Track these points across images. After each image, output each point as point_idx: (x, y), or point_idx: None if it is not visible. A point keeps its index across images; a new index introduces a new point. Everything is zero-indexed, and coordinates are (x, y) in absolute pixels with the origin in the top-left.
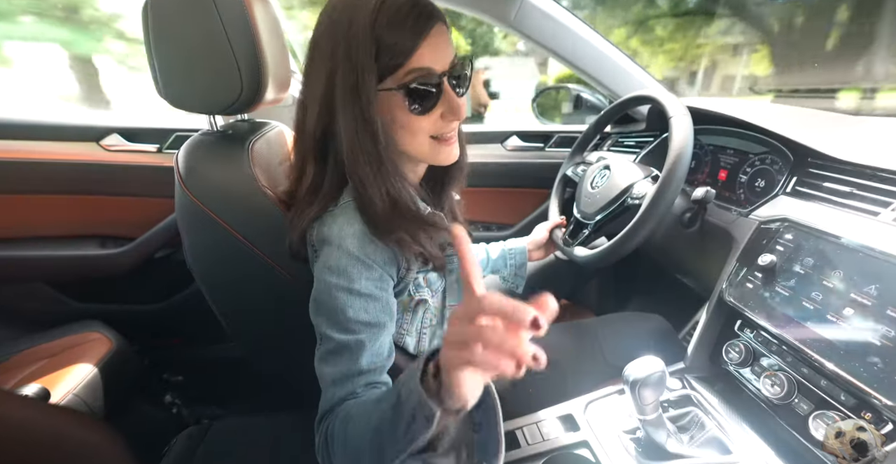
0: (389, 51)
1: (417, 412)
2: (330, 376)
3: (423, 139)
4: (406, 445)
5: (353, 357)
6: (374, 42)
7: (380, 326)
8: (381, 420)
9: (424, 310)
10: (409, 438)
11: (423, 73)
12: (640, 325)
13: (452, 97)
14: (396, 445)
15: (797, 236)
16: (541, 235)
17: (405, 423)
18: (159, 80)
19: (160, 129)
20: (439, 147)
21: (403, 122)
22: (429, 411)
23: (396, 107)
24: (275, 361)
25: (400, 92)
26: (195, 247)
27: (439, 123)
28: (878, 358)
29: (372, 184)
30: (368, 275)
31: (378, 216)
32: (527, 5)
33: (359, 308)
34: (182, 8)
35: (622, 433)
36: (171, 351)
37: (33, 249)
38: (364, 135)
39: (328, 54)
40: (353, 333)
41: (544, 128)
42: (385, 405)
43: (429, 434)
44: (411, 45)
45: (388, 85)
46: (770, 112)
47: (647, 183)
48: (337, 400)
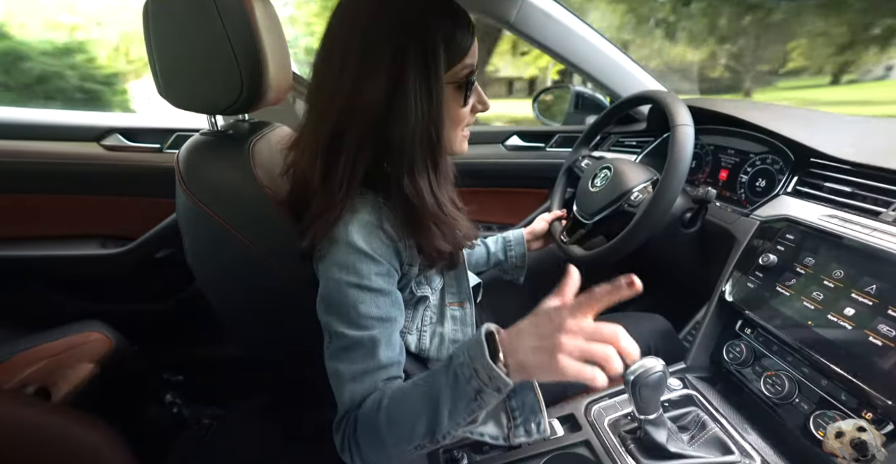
0: (455, 47)
1: (485, 387)
2: (348, 373)
3: (459, 131)
4: (465, 418)
5: (370, 353)
6: (443, 38)
7: (391, 320)
8: (438, 401)
9: (425, 308)
10: (470, 410)
11: (473, 68)
12: (640, 324)
13: (480, 90)
14: (454, 421)
15: (798, 236)
16: (540, 225)
17: (468, 399)
18: (160, 80)
19: (161, 129)
20: (464, 139)
21: (453, 114)
22: (501, 383)
23: (451, 100)
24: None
25: (455, 85)
26: (196, 247)
27: (469, 114)
28: (878, 358)
29: (422, 174)
30: (377, 270)
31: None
32: (527, 5)
33: (370, 303)
34: (182, 8)
35: (623, 433)
36: (172, 351)
37: (34, 249)
38: (430, 130)
39: (389, 52)
40: (366, 329)
41: (545, 128)
42: (439, 388)
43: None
44: (471, 40)
45: (450, 78)
46: (771, 112)
47: (647, 188)
48: (360, 396)
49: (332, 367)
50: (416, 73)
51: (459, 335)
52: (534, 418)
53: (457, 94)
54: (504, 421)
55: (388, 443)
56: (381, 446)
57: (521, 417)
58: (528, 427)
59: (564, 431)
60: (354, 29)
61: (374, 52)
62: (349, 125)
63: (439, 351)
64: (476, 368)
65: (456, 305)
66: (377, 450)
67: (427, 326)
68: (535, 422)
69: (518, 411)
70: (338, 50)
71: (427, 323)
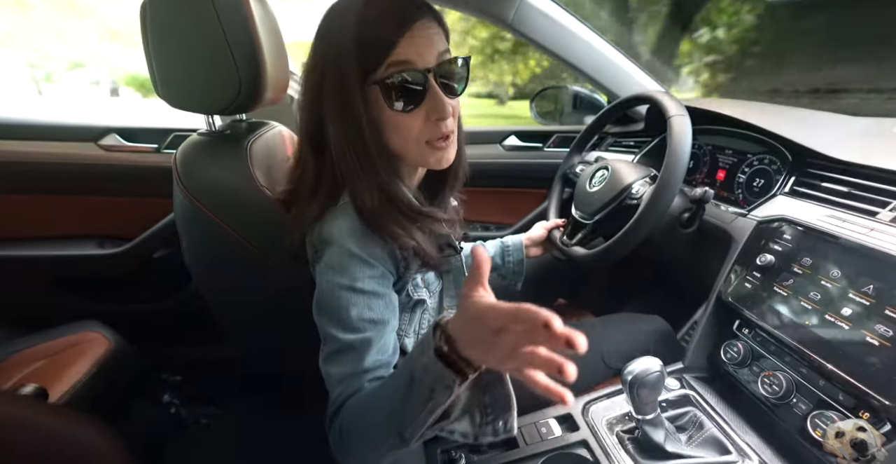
0: (372, 45)
1: (437, 384)
2: (337, 376)
3: (416, 143)
4: (426, 417)
5: (360, 356)
6: (357, 37)
7: (384, 323)
8: (397, 401)
9: (423, 311)
10: (429, 409)
11: (403, 68)
12: (638, 325)
13: (438, 95)
14: (416, 420)
15: (795, 236)
16: (538, 232)
17: (424, 397)
18: (157, 80)
19: (158, 129)
20: (430, 151)
21: (390, 120)
22: (449, 381)
23: (381, 104)
24: (273, 361)
25: (380, 87)
26: (193, 247)
27: (428, 125)
28: (876, 358)
29: (361, 178)
30: (371, 273)
31: (369, 210)
32: (525, 5)
33: (363, 306)
34: (180, 8)
35: (621, 433)
36: (170, 351)
37: (32, 250)
38: (350, 130)
39: (320, 52)
40: (359, 332)
41: (543, 127)
42: (396, 388)
43: (448, 402)
44: (392, 38)
45: (372, 79)
46: (768, 112)
47: (646, 183)
48: (345, 398)
49: (324, 369)
50: (331, 77)
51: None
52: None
53: (384, 98)
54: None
55: (367, 444)
56: (363, 446)
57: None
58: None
59: (562, 431)
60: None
61: (310, 61)
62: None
63: None
64: (426, 366)
65: (455, 307)
66: (361, 450)
67: (425, 329)
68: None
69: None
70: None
71: (425, 326)
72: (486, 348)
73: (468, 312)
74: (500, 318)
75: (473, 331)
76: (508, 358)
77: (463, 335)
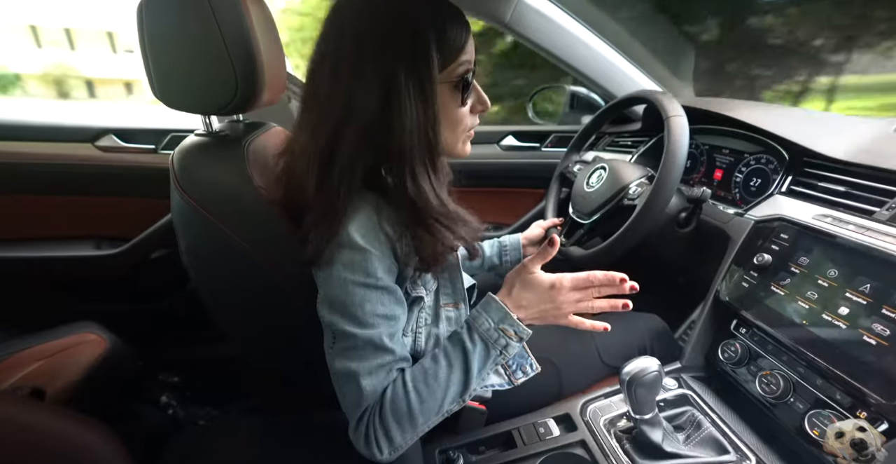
0: (448, 44)
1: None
2: (363, 369)
3: (460, 133)
4: (490, 373)
5: (380, 349)
6: (435, 36)
7: (395, 318)
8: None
9: (420, 309)
10: (496, 363)
11: (470, 66)
12: (636, 324)
13: (479, 89)
14: (482, 377)
15: (792, 236)
16: (536, 232)
17: (494, 355)
18: (154, 81)
19: (155, 129)
20: (467, 140)
21: (450, 115)
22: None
23: (447, 99)
24: (271, 361)
25: (451, 84)
26: (191, 248)
27: (470, 115)
28: (873, 357)
29: (427, 181)
30: (381, 267)
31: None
32: (522, 5)
33: (375, 302)
34: (177, 8)
35: (619, 433)
36: (168, 352)
37: (28, 251)
38: (427, 132)
39: (382, 47)
40: (373, 328)
41: (540, 127)
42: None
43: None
44: (465, 37)
45: (445, 77)
46: (765, 111)
47: (643, 183)
48: (381, 388)
49: (342, 365)
50: (407, 75)
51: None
52: (525, 361)
53: (453, 94)
54: (502, 371)
55: (419, 420)
56: (413, 426)
57: (514, 364)
58: (524, 369)
59: (560, 431)
60: (346, 32)
61: (364, 57)
62: (345, 130)
63: None
64: (503, 328)
65: (451, 306)
66: (407, 431)
67: (422, 328)
68: (528, 364)
69: (511, 360)
70: (330, 54)
71: (422, 324)
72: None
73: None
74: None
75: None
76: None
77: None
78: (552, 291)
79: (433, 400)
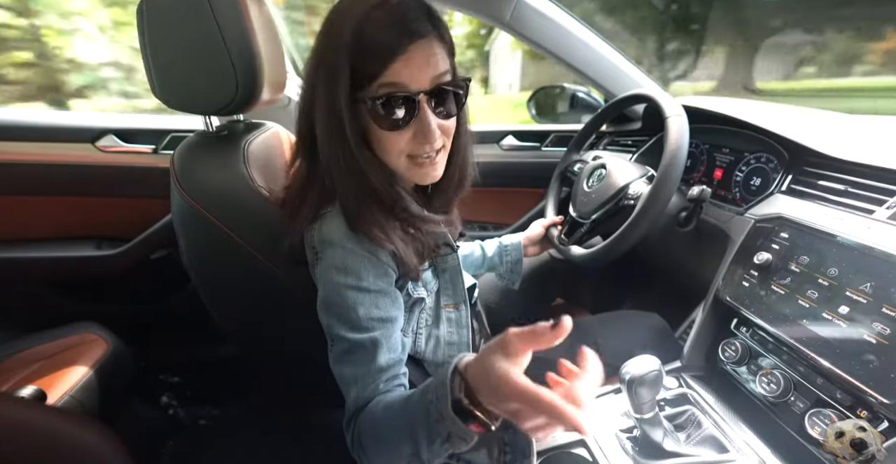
0: (366, 62)
1: (453, 434)
2: (351, 377)
3: (398, 156)
4: (443, 452)
5: (371, 355)
6: (353, 51)
7: (392, 320)
8: (415, 428)
9: (420, 310)
10: (445, 449)
11: (395, 90)
12: (636, 323)
13: (427, 118)
14: (433, 452)
15: (793, 235)
16: (536, 231)
17: (441, 439)
18: (155, 81)
19: (156, 129)
20: (414, 167)
21: (376, 135)
22: (466, 435)
23: (369, 119)
24: (271, 361)
25: (369, 105)
26: (191, 248)
27: (414, 143)
28: (873, 356)
29: (347, 182)
30: (375, 271)
31: (352, 213)
32: (522, 5)
33: (370, 305)
34: (177, 8)
35: (619, 432)
36: (168, 352)
37: (29, 251)
38: (335, 138)
39: (317, 57)
40: (367, 331)
41: (540, 127)
42: (413, 416)
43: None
44: (386, 59)
45: (362, 96)
46: (765, 111)
47: (643, 183)
48: (363, 400)
49: (338, 370)
50: (323, 86)
51: (455, 337)
52: (522, 460)
53: (374, 116)
54: (495, 453)
55: (384, 453)
56: (380, 454)
57: (510, 454)
58: None
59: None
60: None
61: (308, 66)
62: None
63: (435, 353)
64: (442, 415)
65: (451, 306)
66: (379, 453)
67: (423, 329)
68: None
69: (510, 447)
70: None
71: (422, 325)
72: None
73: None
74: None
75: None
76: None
77: (484, 390)
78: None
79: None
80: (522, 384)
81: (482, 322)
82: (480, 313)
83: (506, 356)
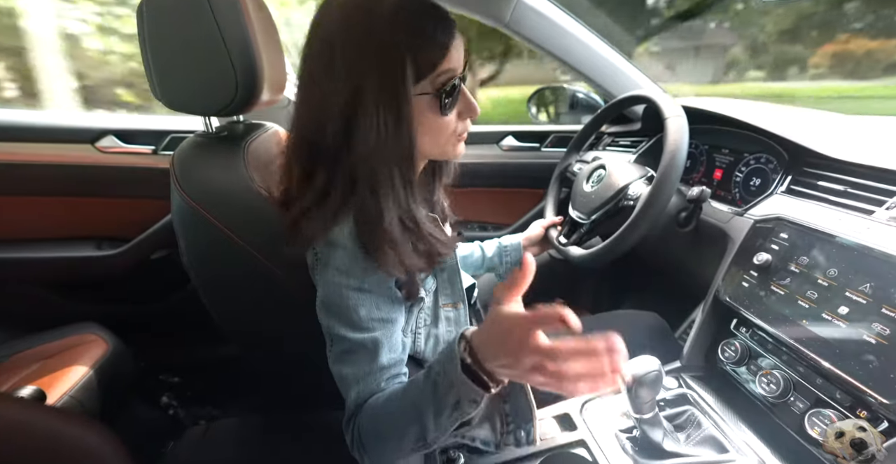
0: (424, 57)
1: (462, 398)
2: (352, 376)
3: (448, 138)
4: (450, 425)
5: (372, 355)
6: (409, 44)
7: (392, 321)
8: (422, 408)
9: (419, 309)
10: (453, 419)
11: (452, 75)
12: (636, 323)
13: (468, 96)
14: (440, 427)
15: (792, 235)
16: (536, 231)
17: (450, 408)
18: (155, 82)
19: (155, 130)
20: (458, 144)
21: (432, 124)
22: (476, 396)
23: (427, 109)
24: (272, 361)
25: (432, 94)
26: (191, 248)
27: (458, 121)
28: (873, 356)
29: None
30: (377, 273)
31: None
32: (522, 5)
33: (370, 305)
34: (177, 9)
35: (619, 432)
36: (168, 352)
37: (29, 251)
38: (396, 142)
39: (353, 59)
40: (368, 331)
41: (540, 127)
42: (419, 396)
43: (474, 413)
44: (446, 46)
45: (423, 89)
46: (765, 111)
47: (642, 184)
48: (363, 399)
49: (337, 370)
50: (376, 89)
51: (454, 336)
52: (524, 426)
53: (433, 105)
54: (498, 426)
55: (387, 446)
56: (383, 448)
57: (513, 422)
58: (517, 435)
59: (560, 430)
60: (324, 39)
61: (335, 66)
62: (321, 137)
63: (434, 353)
64: (452, 380)
65: (450, 306)
66: (380, 451)
67: (421, 328)
68: (525, 430)
69: (511, 416)
70: (307, 61)
71: (421, 325)
72: (511, 363)
73: (495, 324)
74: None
75: (498, 343)
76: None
77: (488, 347)
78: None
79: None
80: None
81: (482, 321)
82: (480, 313)
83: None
